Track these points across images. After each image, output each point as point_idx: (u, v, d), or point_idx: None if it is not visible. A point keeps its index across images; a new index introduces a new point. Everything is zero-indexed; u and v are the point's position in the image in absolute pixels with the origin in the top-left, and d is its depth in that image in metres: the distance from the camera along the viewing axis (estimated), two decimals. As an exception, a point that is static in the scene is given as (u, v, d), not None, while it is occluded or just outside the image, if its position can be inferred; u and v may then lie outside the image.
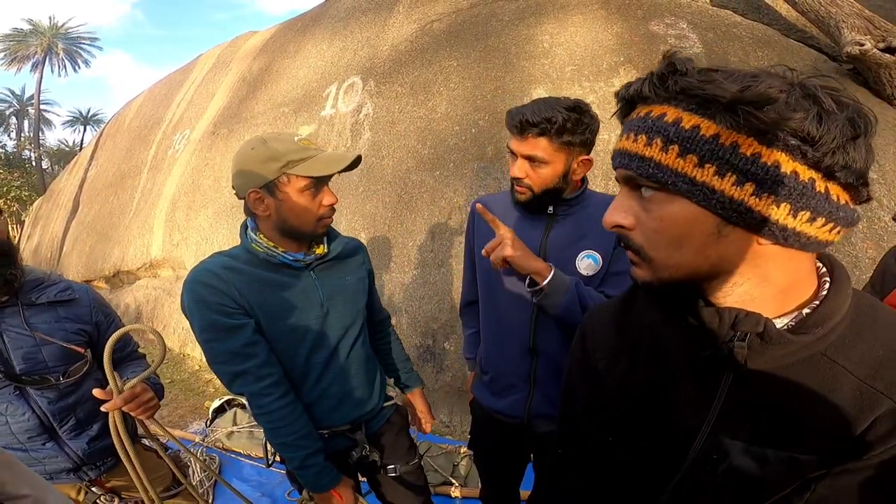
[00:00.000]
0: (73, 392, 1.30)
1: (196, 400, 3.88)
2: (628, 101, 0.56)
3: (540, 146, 1.12)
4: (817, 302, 0.54)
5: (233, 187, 1.19)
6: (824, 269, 0.57)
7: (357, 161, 1.20)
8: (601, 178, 2.89)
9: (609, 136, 2.85)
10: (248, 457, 2.75)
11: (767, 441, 0.55)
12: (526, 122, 1.11)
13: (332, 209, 1.21)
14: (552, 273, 1.11)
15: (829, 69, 3.05)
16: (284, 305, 1.19)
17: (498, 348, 1.35)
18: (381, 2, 4.63)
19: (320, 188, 1.18)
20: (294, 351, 1.22)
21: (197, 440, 2.93)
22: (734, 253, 0.51)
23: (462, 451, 2.58)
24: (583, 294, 1.12)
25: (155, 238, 5.54)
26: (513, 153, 1.17)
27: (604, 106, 2.91)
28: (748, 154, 0.47)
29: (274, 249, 1.19)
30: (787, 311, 0.55)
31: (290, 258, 1.20)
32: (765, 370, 0.54)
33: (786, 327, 0.53)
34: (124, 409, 1.14)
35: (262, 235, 1.20)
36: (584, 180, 1.25)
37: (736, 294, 0.54)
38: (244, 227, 1.23)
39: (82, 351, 1.29)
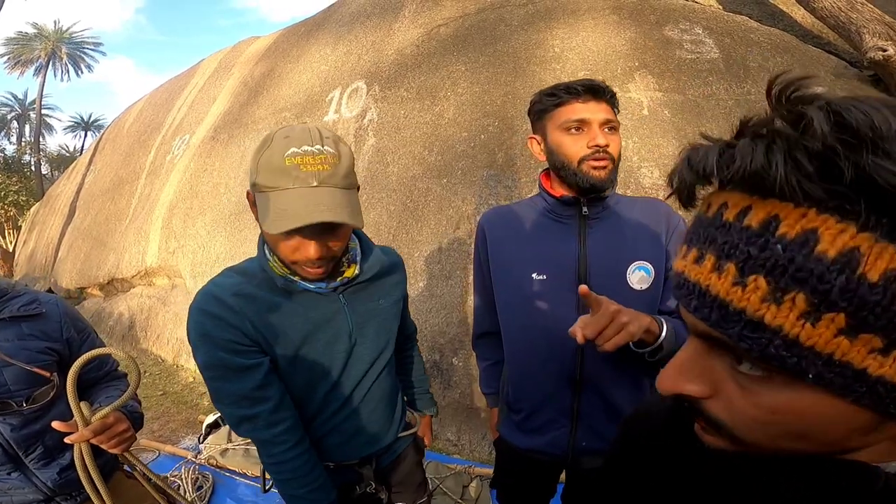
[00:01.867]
0: (39, 418, 1.14)
1: (189, 413, 3.72)
2: (702, 177, 0.31)
3: (611, 111, 1.07)
4: None
5: None
6: None
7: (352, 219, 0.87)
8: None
9: (623, 142, 2.75)
10: (244, 475, 2.61)
11: None
12: (599, 86, 1.04)
13: (314, 262, 0.90)
14: (665, 327, 0.93)
15: (850, 76, 2.98)
16: (307, 339, 1.00)
17: (533, 381, 1.17)
18: (386, 6, 4.56)
19: (292, 236, 0.87)
20: (312, 388, 1.05)
21: (189, 457, 2.78)
22: (879, 441, 0.34)
23: (472, 471, 2.43)
24: (679, 330, 0.95)
25: (151, 245, 5.40)
26: (575, 126, 1.05)
27: (621, 112, 2.80)
28: None
29: (291, 276, 0.97)
30: None
31: (313, 286, 0.98)
32: None
33: None
34: (93, 441, 1.00)
35: (276, 256, 0.96)
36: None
37: (851, 455, 0.38)
38: (262, 238, 1.00)
39: (48, 374, 1.14)
